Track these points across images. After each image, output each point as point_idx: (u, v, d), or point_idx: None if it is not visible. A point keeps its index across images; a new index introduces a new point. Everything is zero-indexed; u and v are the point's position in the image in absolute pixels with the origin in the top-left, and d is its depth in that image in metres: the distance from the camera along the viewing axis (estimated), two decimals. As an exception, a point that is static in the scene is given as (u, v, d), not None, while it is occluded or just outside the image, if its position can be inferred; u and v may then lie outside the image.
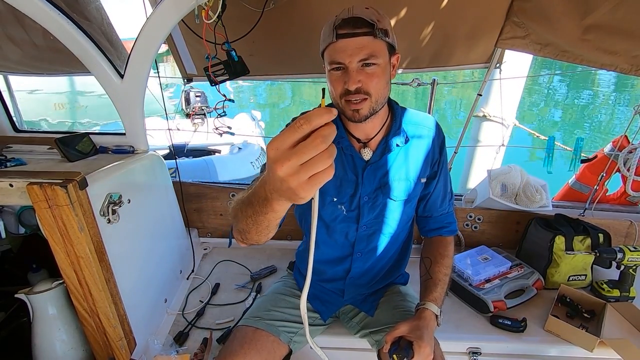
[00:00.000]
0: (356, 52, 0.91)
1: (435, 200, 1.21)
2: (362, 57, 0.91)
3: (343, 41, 0.92)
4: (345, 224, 1.15)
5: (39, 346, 1.14)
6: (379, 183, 1.11)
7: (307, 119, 0.44)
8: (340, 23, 0.92)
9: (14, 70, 1.77)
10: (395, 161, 1.11)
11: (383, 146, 1.09)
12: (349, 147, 1.08)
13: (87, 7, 1.36)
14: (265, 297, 1.31)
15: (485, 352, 1.32)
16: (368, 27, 0.91)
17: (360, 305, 1.30)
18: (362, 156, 1.09)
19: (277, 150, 0.46)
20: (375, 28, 0.91)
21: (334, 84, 0.97)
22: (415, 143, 1.12)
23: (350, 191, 1.11)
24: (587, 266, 1.55)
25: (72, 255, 0.99)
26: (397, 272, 1.33)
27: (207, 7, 1.11)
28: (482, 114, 2.80)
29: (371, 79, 0.94)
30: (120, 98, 1.29)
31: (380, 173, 1.10)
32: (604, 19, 1.26)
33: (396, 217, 1.16)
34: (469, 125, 2.01)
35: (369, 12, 0.93)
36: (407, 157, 1.11)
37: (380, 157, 1.09)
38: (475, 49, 1.69)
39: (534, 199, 1.71)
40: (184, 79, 1.88)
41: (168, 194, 1.53)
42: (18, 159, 1.19)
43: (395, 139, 1.08)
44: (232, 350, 1.08)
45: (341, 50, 0.92)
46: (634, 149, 1.81)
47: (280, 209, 0.58)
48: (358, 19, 0.91)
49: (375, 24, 0.91)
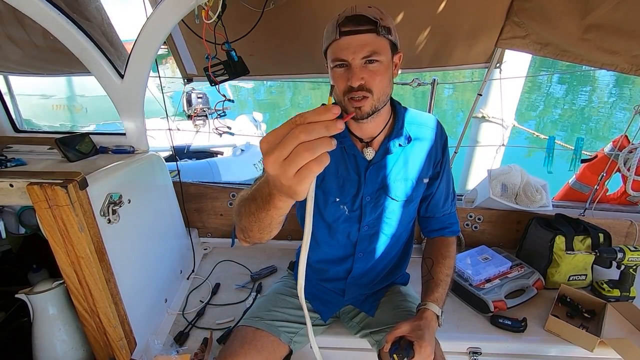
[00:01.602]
0: (359, 49, 0.91)
1: (438, 201, 1.21)
2: (365, 54, 0.92)
3: (346, 38, 0.92)
4: (348, 224, 1.14)
5: (40, 346, 1.14)
6: (381, 183, 1.10)
7: (302, 114, 0.43)
8: (343, 21, 0.93)
9: (14, 70, 1.77)
10: (397, 161, 1.10)
11: (385, 146, 1.09)
12: (352, 147, 1.08)
13: (87, 7, 1.36)
14: (266, 297, 1.31)
15: (486, 352, 1.31)
16: (371, 24, 0.91)
17: (360, 306, 1.30)
18: (365, 156, 1.09)
19: (267, 144, 0.45)
20: (378, 25, 0.91)
21: (337, 81, 0.97)
22: (417, 143, 1.12)
23: (352, 191, 1.11)
24: (588, 266, 1.55)
25: (72, 255, 0.99)
26: (398, 272, 1.33)
27: (207, 7, 1.11)
28: (480, 115, 2.80)
29: (374, 76, 0.94)
30: (121, 98, 1.29)
31: (383, 173, 1.10)
32: (604, 19, 1.26)
33: (398, 217, 1.15)
34: (468, 125, 2.01)
35: (372, 11, 0.94)
36: (409, 157, 1.11)
37: (382, 157, 1.09)
38: (475, 48, 1.69)
39: (534, 198, 1.71)
40: (184, 79, 1.88)
41: (168, 194, 1.53)
42: (18, 159, 1.19)
43: (398, 139, 1.08)
44: (232, 350, 1.08)
45: (344, 47, 0.93)
46: (634, 149, 1.81)
47: (283, 205, 0.57)
48: (361, 17, 0.92)
49: (378, 21, 0.92)
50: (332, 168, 1.10)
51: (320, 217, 1.16)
